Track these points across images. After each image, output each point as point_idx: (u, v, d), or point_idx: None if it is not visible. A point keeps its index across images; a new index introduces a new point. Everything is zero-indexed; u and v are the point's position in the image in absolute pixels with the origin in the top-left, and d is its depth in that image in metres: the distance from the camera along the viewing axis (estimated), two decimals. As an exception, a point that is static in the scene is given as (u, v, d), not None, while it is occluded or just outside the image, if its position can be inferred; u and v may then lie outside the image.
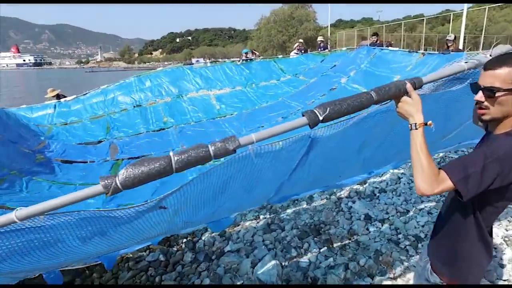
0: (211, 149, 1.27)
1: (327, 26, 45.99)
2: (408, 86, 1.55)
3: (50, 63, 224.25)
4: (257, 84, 8.79)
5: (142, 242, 2.38)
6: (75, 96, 7.50)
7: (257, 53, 16.61)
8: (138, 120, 7.15)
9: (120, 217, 1.50)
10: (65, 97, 7.81)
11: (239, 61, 9.51)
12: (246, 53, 10.44)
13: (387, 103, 1.72)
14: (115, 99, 7.57)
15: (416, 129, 1.48)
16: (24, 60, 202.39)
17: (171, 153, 1.26)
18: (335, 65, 8.70)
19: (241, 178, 1.77)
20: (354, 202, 5.57)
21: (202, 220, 2.47)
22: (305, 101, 7.47)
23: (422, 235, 4.48)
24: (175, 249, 4.71)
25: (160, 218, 1.75)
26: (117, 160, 5.68)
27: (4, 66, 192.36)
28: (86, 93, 7.58)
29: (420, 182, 1.41)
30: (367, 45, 12.48)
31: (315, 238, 4.62)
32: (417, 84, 1.59)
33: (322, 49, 12.29)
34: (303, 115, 1.44)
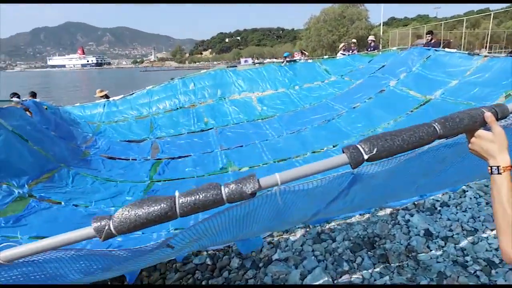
0: (224, 191, 1.07)
1: (379, 25, 44.17)
2: (488, 116, 1.18)
3: (109, 63, 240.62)
4: (301, 86, 8.60)
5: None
6: (122, 96, 7.87)
7: (306, 53, 16.32)
8: (181, 121, 7.30)
9: (124, 256, 1.40)
10: (108, 97, 8.21)
11: (283, 62, 9.37)
12: (286, 56, 10.27)
13: None
14: (160, 100, 7.81)
15: (500, 173, 1.11)
16: (87, 61, 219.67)
17: (176, 193, 1.07)
18: (383, 66, 8.22)
19: (266, 210, 1.54)
20: (412, 215, 5.03)
21: (224, 242, 2.34)
22: (350, 104, 7.13)
23: (496, 260, 3.90)
24: (222, 253, 4.59)
25: (169, 252, 1.62)
26: (158, 159, 5.82)
27: (71, 67, 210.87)
28: (133, 93, 7.92)
29: (510, 248, 1.04)
30: (422, 44, 11.70)
31: (369, 252, 4.25)
32: (500, 114, 1.22)
33: (372, 49, 11.71)
34: (343, 152, 1.17)
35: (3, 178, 3.60)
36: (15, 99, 5.74)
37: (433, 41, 10.31)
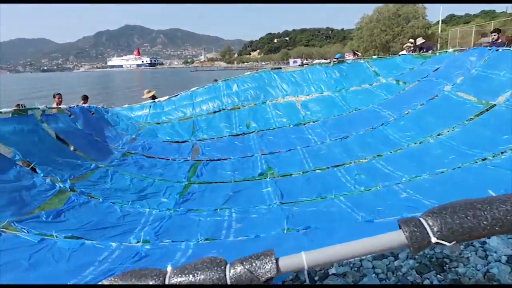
0: (229, 274, 0.82)
1: (437, 23, 41.49)
2: None
3: (162, 63, 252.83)
4: (347, 89, 8.24)
5: None
6: (167, 97, 8.10)
7: (359, 54, 15.75)
8: (222, 124, 7.34)
9: None
10: (155, 98, 8.51)
11: (329, 62, 9.08)
12: (338, 58, 9.93)
13: None
14: (203, 102, 7.92)
15: None
16: (142, 61, 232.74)
17: (168, 269, 0.83)
18: (437, 69, 7.60)
19: None
20: (488, 237, 4.48)
21: None
22: (400, 111, 6.65)
23: None
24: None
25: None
26: (197, 161, 5.88)
27: (128, 67, 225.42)
28: (177, 94, 8.12)
29: None
30: (487, 43, 10.66)
31: (439, 276, 3.84)
32: None
33: (425, 50, 10.90)
34: (400, 227, 0.86)
35: (48, 173, 3.89)
36: (62, 106, 6.18)
37: (499, 40, 9.28)
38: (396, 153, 5.36)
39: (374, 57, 9.54)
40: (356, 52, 16.89)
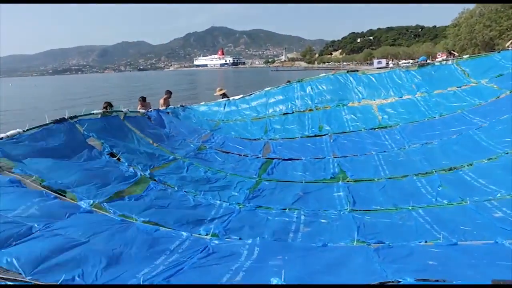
0: None
1: None
2: None
3: (243, 63, 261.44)
4: (430, 93, 7.64)
5: None
6: (241, 96, 8.45)
7: (455, 54, 14.39)
8: (294, 126, 7.40)
9: None
10: (227, 97, 9.00)
11: (415, 63, 8.50)
12: (422, 61, 9.24)
13: None
14: (277, 103, 8.08)
15: None
16: (225, 61, 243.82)
17: None
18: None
19: None
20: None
21: None
22: (493, 119, 5.94)
23: None
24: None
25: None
26: (268, 159, 6.06)
27: (212, 66, 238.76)
28: (251, 94, 8.41)
29: None
30: None
31: None
32: None
33: None
34: None
35: (131, 163, 4.52)
36: (141, 110, 7.18)
37: None
38: (489, 163, 4.84)
39: (465, 56, 8.64)
40: (452, 51, 15.41)
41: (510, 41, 10.45)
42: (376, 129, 6.97)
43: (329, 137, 6.87)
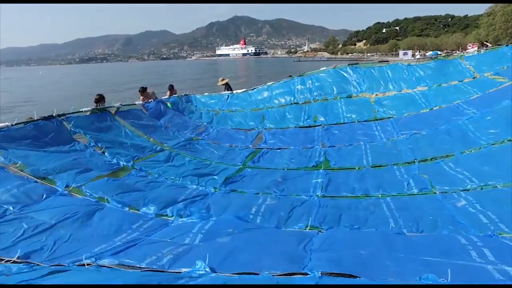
0: None
1: None
2: None
3: (266, 53, 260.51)
4: (430, 87, 7.57)
5: None
6: (244, 89, 8.64)
7: (489, 45, 13.84)
8: (291, 116, 7.54)
9: None
10: (230, 86, 9.22)
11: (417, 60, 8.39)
12: (434, 56, 9.04)
13: None
14: (277, 95, 8.23)
15: None
16: (247, 50, 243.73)
17: None
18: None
19: None
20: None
21: None
22: (488, 108, 5.84)
23: None
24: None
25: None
26: (258, 149, 6.25)
27: (234, 56, 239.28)
28: (254, 88, 8.60)
29: None
30: None
31: None
32: None
33: None
34: None
35: (115, 156, 4.85)
36: (138, 102, 7.45)
37: None
38: (470, 154, 4.85)
39: (471, 50, 8.45)
40: (485, 42, 14.74)
41: None
42: (369, 121, 7.01)
43: (321, 127, 6.98)
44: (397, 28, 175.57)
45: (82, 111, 5.63)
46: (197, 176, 4.71)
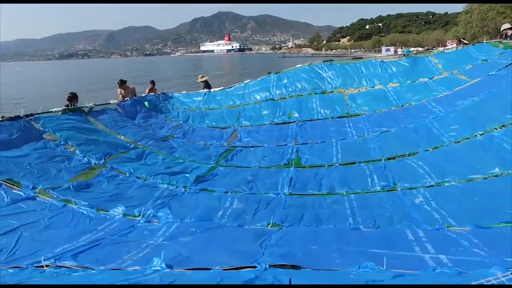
0: None
1: None
2: None
3: (250, 49, 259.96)
4: (402, 83, 7.78)
5: None
6: (222, 87, 8.70)
7: (465, 42, 14.24)
8: (267, 113, 7.63)
9: None
10: (208, 84, 9.25)
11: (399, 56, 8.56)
12: (406, 54, 9.26)
13: None
14: (254, 92, 8.31)
15: None
16: (232, 47, 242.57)
17: None
18: (513, 63, 6.68)
19: None
20: None
21: None
22: (453, 107, 6.10)
23: None
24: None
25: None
26: (232, 147, 6.33)
27: (218, 52, 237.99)
28: (231, 86, 8.66)
29: None
30: None
31: None
32: None
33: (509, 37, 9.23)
34: None
35: (85, 153, 4.83)
36: (113, 101, 7.36)
37: None
38: (433, 151, 5.03)
39: (441, 49, 8.73)
40: (462, 39, 15.22)
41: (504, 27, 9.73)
42: (343, 117, 7.17)
43: (296, 124, 7.10)
44: (380, 24, 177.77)
45: (52, 111, 5.57)
46: (169, 174, 4.75)
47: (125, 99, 7.59)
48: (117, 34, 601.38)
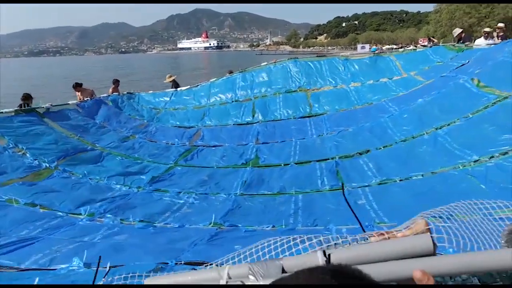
0: None
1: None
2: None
3: (228, 46, 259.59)
4: (363, 83, 7.99)
5: None
6: (188, 86, 8.66)
7: (435, 40, 14.75)
8: (231, 113, 7.68)
9: None
10: (177, 83, 9.20)
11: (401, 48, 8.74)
12: (374, 51, 9.52)
13: None
14: (219, 92, 8.33)
15: None
16: (209, 44, 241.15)
17: None
18: (463, 64, 6.99)
19: None
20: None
21: None
22: (407, 107, 6.33)
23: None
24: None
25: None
26: (193, 146, 6.34)
27: (196, 49, 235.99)
28: (197, 85, 8.64)
29: None
30: None
31: None
32: None
33: (461, 41, 9.60)
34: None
35: (37, 156, 4.71)
36: (72, 102, 7.23)
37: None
38: (383, 150, 5.21)
39: (401, 50, 9.02)
40: (432, 38, 15.70)
41: (483, 31, 9.88)
42: (305, 117, 7.29)
43: (258, 124, 7.17)
44: (356, 22, 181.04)
45: (2, 112, 5.39)
46: (123, 175, 4.72)
47: (85, 99, 7.44)
48: (91, 31, 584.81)
